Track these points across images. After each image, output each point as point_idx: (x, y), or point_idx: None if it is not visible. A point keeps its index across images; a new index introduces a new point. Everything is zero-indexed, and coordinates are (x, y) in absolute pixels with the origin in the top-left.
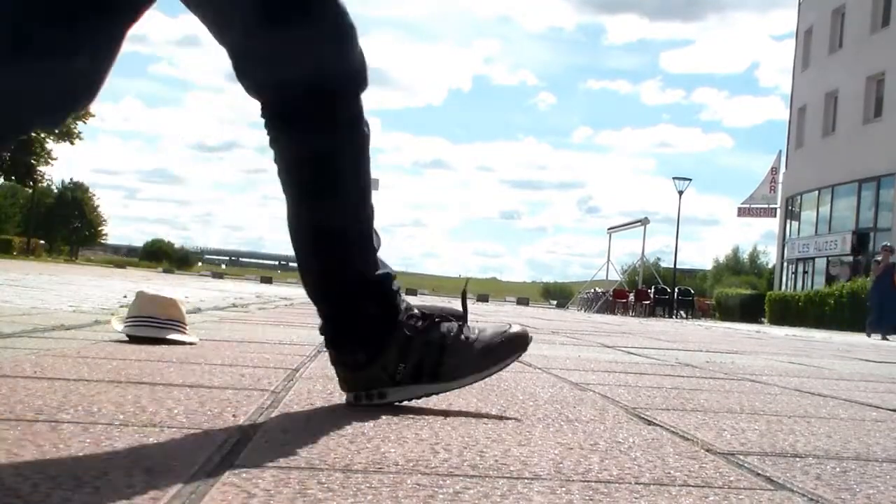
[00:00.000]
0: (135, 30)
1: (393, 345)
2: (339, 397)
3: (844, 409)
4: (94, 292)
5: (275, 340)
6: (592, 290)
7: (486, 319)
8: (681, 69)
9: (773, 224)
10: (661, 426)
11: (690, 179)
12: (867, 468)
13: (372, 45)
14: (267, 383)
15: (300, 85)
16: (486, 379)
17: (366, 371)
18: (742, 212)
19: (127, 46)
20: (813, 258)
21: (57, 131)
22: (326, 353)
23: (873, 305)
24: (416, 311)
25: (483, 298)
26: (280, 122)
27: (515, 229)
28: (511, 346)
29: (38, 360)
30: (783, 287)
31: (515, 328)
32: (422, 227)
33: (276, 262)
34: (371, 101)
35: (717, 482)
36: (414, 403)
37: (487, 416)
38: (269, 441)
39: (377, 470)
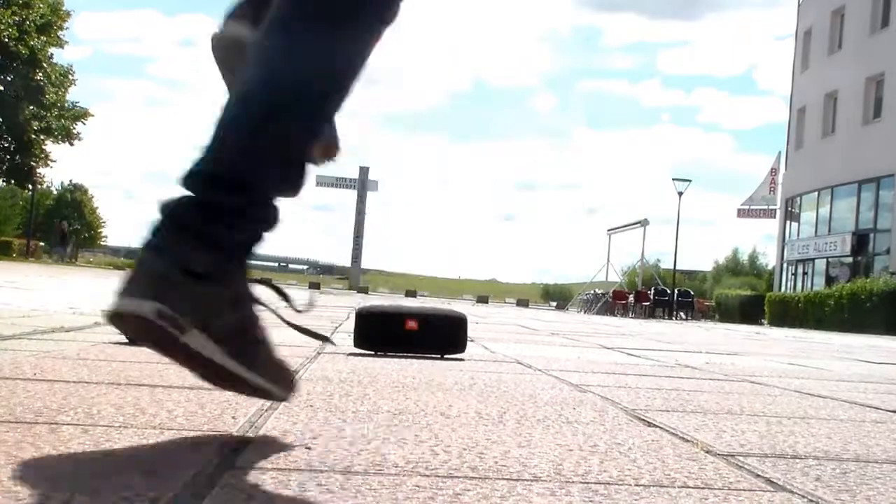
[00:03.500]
0: (133, 30)
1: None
2: (339, 399)
3: (844, 410)
4: (93, 294)
5: (274, 342)
6: (592, 292)
7: (486, 322)
8: (680, 70)
9: (772, 225)
10: (661, 428)
11: (690, 180)
12: (867, 469)
13: None
14: None
15: None
16: (485, 380)
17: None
18: (742, 213)
19: (125, 47)
20: (812, 259)
21: (57, 134)
22: (326, 355)
23: None
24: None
25: (483, 300)
26: None
27: (515, 230)
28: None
29: (37, 362)
30: (783, 288)
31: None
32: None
33: (276, 264)
34: (370, 102)
35: (716, 484)
36: (413, 404)
37: (487, 417)
38: (268, 443)
39: (377, 472)
